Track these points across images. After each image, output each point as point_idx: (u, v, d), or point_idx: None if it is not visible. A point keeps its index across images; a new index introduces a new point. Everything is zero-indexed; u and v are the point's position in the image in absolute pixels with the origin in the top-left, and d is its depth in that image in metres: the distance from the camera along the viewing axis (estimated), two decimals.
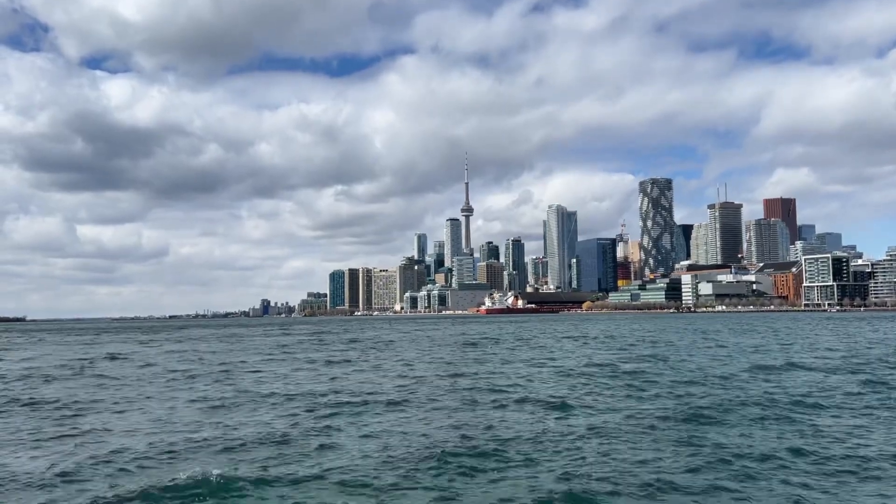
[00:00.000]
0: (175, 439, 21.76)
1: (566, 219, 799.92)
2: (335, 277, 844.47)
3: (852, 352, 55.68)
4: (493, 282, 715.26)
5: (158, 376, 43.95)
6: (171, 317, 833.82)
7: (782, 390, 31.16)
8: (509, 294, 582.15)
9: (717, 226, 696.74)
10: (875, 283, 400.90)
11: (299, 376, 43.01)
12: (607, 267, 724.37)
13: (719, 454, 18.78)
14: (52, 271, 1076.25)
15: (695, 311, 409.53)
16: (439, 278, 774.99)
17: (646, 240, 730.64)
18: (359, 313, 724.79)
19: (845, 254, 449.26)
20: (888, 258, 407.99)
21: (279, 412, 27.46)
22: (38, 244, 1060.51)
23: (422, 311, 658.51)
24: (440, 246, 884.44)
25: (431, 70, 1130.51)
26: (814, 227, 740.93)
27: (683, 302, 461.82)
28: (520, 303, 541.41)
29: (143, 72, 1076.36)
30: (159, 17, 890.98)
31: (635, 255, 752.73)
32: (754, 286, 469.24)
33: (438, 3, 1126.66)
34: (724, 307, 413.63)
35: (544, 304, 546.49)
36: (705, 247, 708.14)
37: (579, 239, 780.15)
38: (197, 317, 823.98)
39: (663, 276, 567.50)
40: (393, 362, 54.12)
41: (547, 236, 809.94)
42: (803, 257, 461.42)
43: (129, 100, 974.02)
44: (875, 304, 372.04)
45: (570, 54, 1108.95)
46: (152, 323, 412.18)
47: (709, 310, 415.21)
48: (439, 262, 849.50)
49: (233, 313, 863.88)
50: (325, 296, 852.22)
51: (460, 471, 17.65)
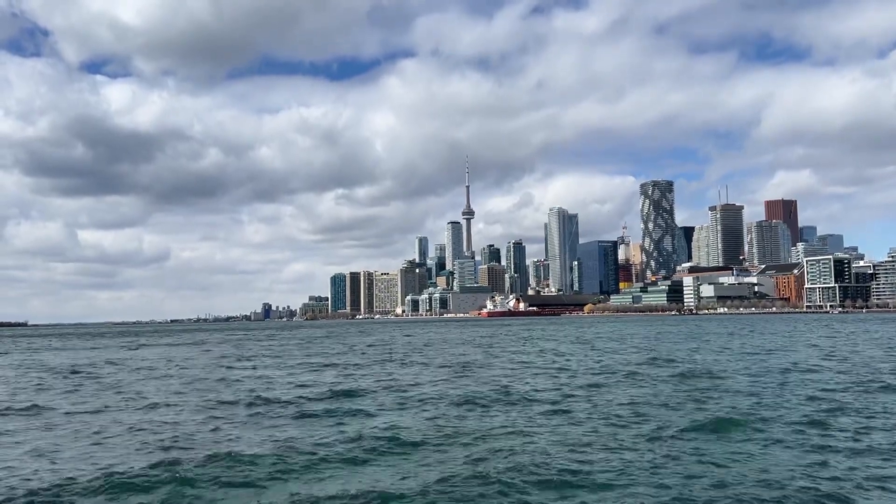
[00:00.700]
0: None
1: (567, 221, 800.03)
2: (336, 281, 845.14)
3: None
4: (495, 285, 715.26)
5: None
6: (172, 321, 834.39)
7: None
8: (511, 297, 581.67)
9: (719, 228, 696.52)
10: (877, 285, 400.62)
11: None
12: (609, 269, 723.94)
13: None
14: (54, 276, 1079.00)
15: (696, 314, 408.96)
16: (440, 281, 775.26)
17: (647, 242, 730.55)
18: (360, 317, 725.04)
19: (847, 255, 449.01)
20: (890, 259, 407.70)
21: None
22: (39, 249, 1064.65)
23: (423, 314, 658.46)
24: (441, 249, 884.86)
25: (431, 73, 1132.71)
26: (815, 228, 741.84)
27: (685, 304, 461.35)
28: (521, 305, 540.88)
29: (143, 76, 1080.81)
30: (159, 21, 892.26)
31: (637, 258, 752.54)
32: (756, 288, 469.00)
33: (438, 6, 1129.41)
34: (725, 309, 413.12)
35: (546, 306, 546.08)
36: (707, 249, 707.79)
37: (580, 241, 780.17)
38: (198, 321, 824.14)
39: (665, 278, 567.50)
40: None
41: (548, 239, 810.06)
42: (805, 259, 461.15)
43: (130, 104, 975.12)
44: (877, 306, 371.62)
45: (571, 56, 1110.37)
46: (155, 327, 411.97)
47: (710, 312, 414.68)
48: (440, 265, 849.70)
49: (234, 317, 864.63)
50: (326, 299, 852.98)
51: None
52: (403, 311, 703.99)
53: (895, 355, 53.45)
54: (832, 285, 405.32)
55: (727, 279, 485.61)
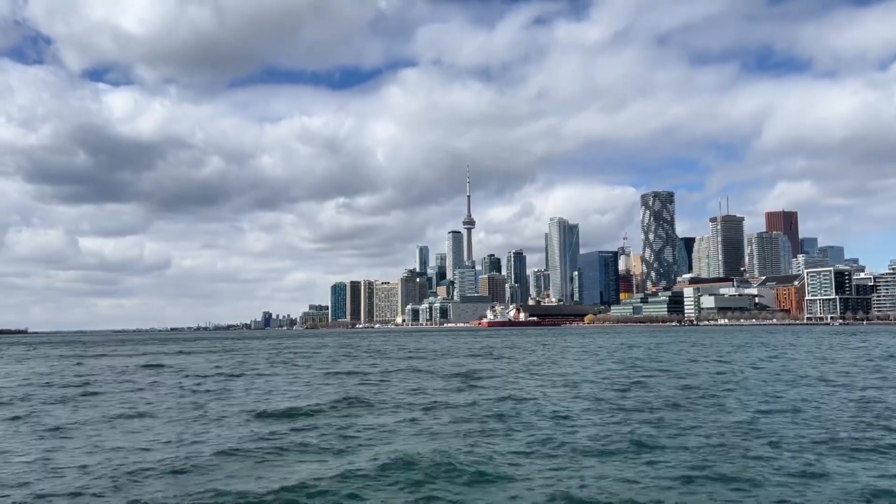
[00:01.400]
0: None
1: (568, 231, 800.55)
2: (337, 290, 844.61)
3: None
4: (495, 294, 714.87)
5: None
6: (172, 329, 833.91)
7: None
8: (511, 307, 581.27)
9: (719, 239, 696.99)
10: (878, 297, 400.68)
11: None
12: (609, 280, 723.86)
13: None
14: (54, 283, 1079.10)
15: (697, 325, 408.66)
16: (441, 291, 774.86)
17: (648, 253, 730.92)
18: (360, 326, 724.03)
19: (847, 267, 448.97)
20: (891, 271, 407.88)
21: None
22: (40, 256, 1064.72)
23: (423, 323, 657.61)
24: (442, 258, 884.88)
25: (433, 82, 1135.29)
26: (816, 240, 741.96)
27: (686, 315, 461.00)
28: (522, 316, 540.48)
29: (145, 84, 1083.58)
30: (161, 30, 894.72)
31: (637, 268, 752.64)
32: (757, 299, 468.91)
33: (440, 16, 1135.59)
34: (726, 321, 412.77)
35: (546, 316, 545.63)
36: (707, 260, 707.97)
37: (581, 252, 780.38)
38: (199, 329, 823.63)
39: (665, 289, 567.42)
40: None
41: (549, 249, 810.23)
42: (805, 270, 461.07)
43: (131, 112, 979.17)
44: (878, 318, 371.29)
45: (572, 66, 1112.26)
46: (155, 335, 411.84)
47: (711, 323, 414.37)
48: (441, 274, 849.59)
49: (234, 326, 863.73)
50: (326, 308, 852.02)
51: None
52: (403, 321, 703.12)
53: None
54: (833, 297, 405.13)
55: (728, 290, 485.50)
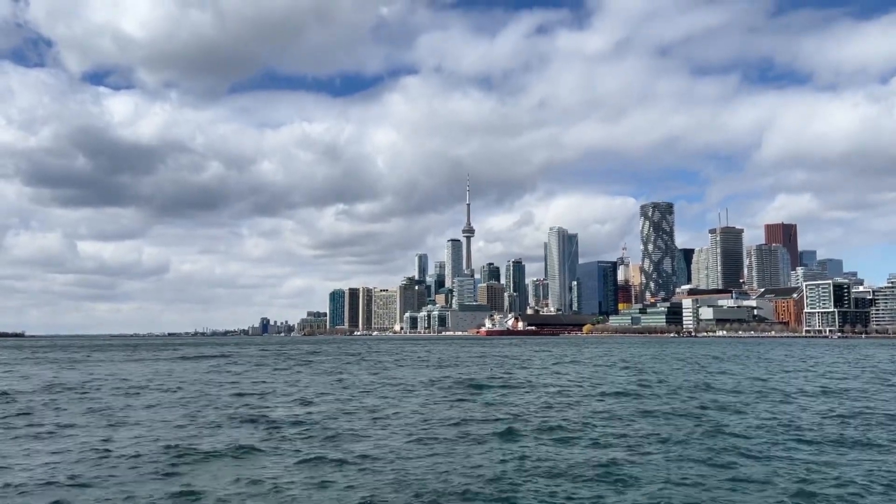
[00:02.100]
0: None
1: (567, 241, 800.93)
2: (335, 297, 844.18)
3: None
4: (494, 303, 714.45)
5: None
6: (169, 334, 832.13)
7: None
8: (510, 316, 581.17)
9: (718, 250, 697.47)
10: (876, 311, 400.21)
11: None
12: (608, 290, 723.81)
13: None
14: (52, 287, 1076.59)
15: (695, 336, 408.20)
16: (440, 299, 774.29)
17: (647, 263, 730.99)
18: (358, 333, 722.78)
19: (846, 280, 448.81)
20: (889, 285, 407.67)
21: None
22: (38, 259, 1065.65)
23: (421, 331, 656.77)
24: (441, 266, 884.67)
25: (434, 90, 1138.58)
26: (815, 252, 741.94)
27: (684, 326, 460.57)
28: (520, 325, 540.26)
29: (146, 88, 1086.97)
30: (162, 34, 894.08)
31: (636, 279, 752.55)
32: (755, 311, 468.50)
33: (441, 24, 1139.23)
34: (724, 332, 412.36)
35: (545, 326, 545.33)
36: (706, 271, 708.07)
37: (580, 261, 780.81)
38: (196, 334, 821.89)
39: (664, 300, 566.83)
40: None
41: (548, 258, 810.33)
42: (804, 283, 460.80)
43: (132, 116, 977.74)
44: (876, 332, 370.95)
45: (573, 76, 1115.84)
46: (152, 340, 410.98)
47: (709, 334, 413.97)
48: (440, 282, 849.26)
49: (232, 331, 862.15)
50: (324, 315, 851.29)
51: None
52: (402, 328, 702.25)
53: None
54: (831, 310, 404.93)
55: (726, 302, 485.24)
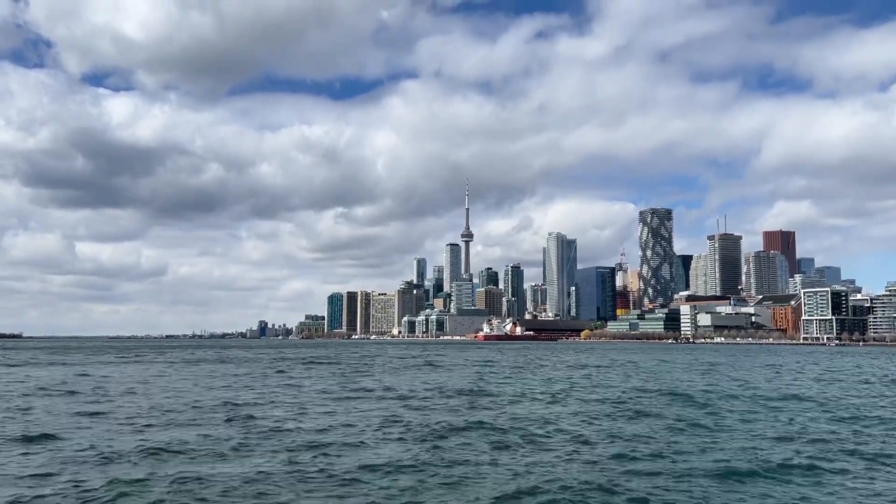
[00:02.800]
0: None
1: (566, 246, 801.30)
2: (333, 300, 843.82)
3: None
4: (492, 308, 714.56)
5: None
6: (167, 336, 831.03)
7: None
8: (508, 321, 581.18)
9: (717, 257, 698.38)
10: (874, 318, 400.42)
11: None
12: (606, 296, 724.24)
13: None
14: (50, 288, 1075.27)
15: (693, 342, 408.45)
16: (438, 303, 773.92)
17: (645, 269, 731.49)
18: (356, 336, 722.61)
19: (844, 288, 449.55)
20: (887, 293, 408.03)
21: None
22: (36, 260, 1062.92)
23: (419, 335, 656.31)
24: (439, 271, 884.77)
25: (434, 94, 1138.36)
26: (813, 260, 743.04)
27: (682, 333, 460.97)
28: (518, 330, 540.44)
29: (145, 90, 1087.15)
30: (161, 36, 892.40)
31: (634, 285, 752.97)
32: (753, 318, 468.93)
33: (442, 28, 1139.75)
34: (722, 339, 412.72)
35: (543, 331, 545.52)
36: (704, 278, 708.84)
37: (579, 267, 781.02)
38: (194, 337, 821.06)
39: (662, 306, 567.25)
40: None
41: (546, 263, 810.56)
42: (802, 290, 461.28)
43: (131, 118, 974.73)
44: (874, 339, 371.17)
45: (573, 81, 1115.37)
46: (150, 343, 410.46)
47: (707, 341, 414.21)
48: (438, 286, 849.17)
49: (230, 334, 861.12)
50: (322, 318, 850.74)
51: None
52: (400, 332, 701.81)
53: None
54: (829, 317, 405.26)
55: (724, 308, 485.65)
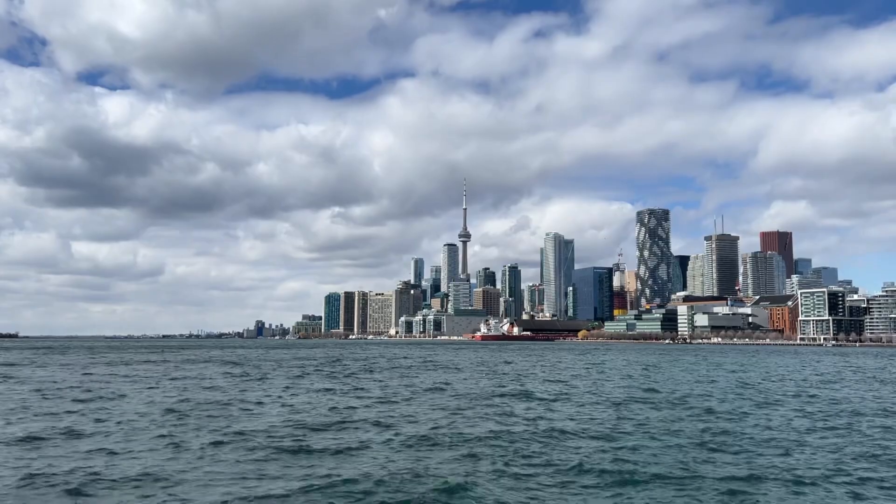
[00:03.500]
0: None
1: (563, 247, 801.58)
2: (331, 300, 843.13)
3: None
4: (490, 308, 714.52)
5: None
6: (164, 336, 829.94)
7: None
8: (505, 321, 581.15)
9: (714, 257, 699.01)
10: (871, 319, 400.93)
11: None
12: (603, 296, 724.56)
13: None
14: (46, 287, 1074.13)
15: (690, 343, 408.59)
16: (435, 303, 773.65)
17: (642, 270, 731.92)
18: (353, 337, 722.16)
19: (841, 289, 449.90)
20: (884, 294, 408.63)
21: None
22: (32, 260, 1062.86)
23: (417, 335, 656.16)
24: (437, 271, 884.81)
25: (431, 94, 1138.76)
26: (810, 260, 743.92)
27: (679, 333, 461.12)
28: (515, 330, 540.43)
29: (141, 88, 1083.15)
30: (157, 34, 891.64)
31: (632, 285, 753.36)
32: (750, 319, 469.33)
33: (439, 27, 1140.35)
34: (719, 339, 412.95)
35: (540, 331, 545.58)
36: (702, 278, 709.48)
37: (576, 267, 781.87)
38: (190, 337, 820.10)
39: (659, 306, 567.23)
40: None
41: (544, 264, 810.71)
42: (799, 291, 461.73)
43: (127, 116, 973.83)
44: (870, 340, 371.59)
45: (571, 81, 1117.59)
46: (147, 342, 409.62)
47: (704, 341, 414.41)
48: (436, 286, 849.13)
49: (227, 334, 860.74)
50: (319, 318, 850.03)
51: None
52: (397, 333, 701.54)
53: None
54: (826, 318, 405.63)
55: (721, 309, 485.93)
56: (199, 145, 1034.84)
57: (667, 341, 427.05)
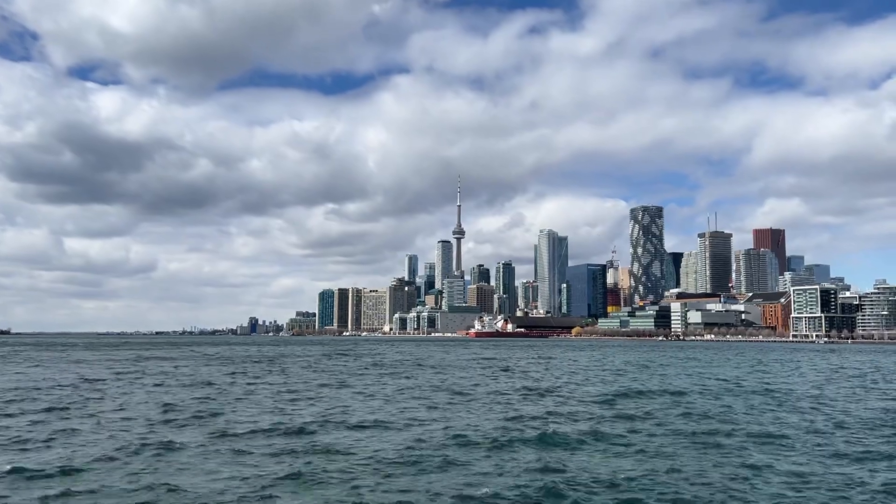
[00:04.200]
0: None
1: (557, 243, 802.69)
2: (324, 297, 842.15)
3: None
4: (484, 305, 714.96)
5: None
6: (157, 333, 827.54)
7: None
8: (499, 318, 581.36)
9: (707, 255, 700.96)
10: (863, 316, 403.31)
11: None
12: (597, 293, 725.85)
13: None
14: (38, 284, 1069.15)
15: (683, 340, 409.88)
16: (429, 300, 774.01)
17: (636, 267, 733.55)
18: (347, 333, 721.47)
19: (833, 286, 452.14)
20: (876, 291, 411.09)
21: None
22: (23, 256, 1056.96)
23: (411, 332, 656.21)
24: (431, 267, 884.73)
25: (426, 90, 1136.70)
26: (803, 258, 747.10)
27: (672, 330, 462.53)
28: (509, 327, 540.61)
29: (133, 83, 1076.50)
30: (149, 28, 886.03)
31: (625, 282, 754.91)
32: (743, 316, 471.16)
33: (434, 23, 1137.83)
34: (712, 336, 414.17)
35: (534, 328, 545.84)
36: (695, 275, 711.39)
37: (570, 264, 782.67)
38: (184, 333, 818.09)
39: (653, 303, 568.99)
40: None
41: (538, 260, 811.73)
42: (792, 288, 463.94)
43: (119, 112, 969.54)
44: (862, 337, 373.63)
45: (565, 77, 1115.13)
46: (140, 339, 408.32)
47: (697, 338, 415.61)
48: (430, 283, 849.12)
49: (220, 331, 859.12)
50: (313, 315, 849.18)
51: None
52: (391, 329, 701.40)
53: None
54: (818, 315, 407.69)
55: (715, 306, 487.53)
56: (192, 141, 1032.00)
57: (660, 338, 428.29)
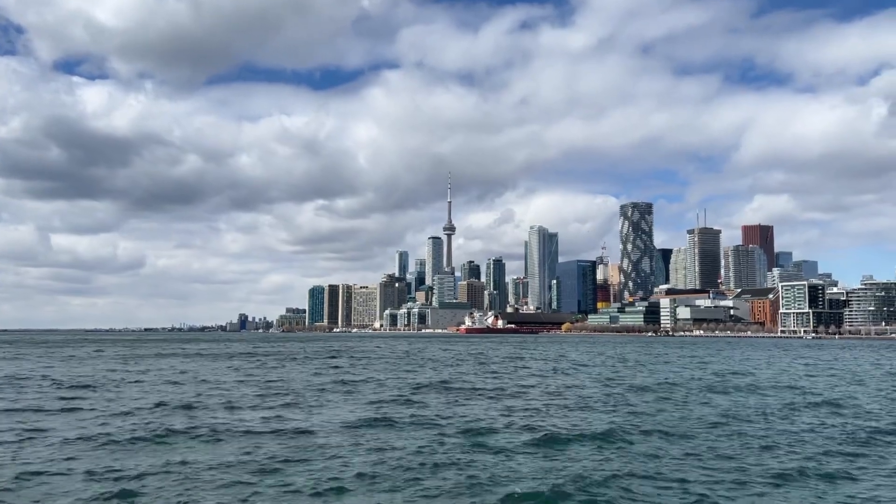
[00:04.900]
0: None
1: (547, 240, 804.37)
2: (314, 293, 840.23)
3: None
4: (474, 301, 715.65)
5: None
6: (146, 329, 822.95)
7: None
8: (489, 314, 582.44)
9: (696, 251, 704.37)
10: (850, 311, 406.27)
11: None
12: (587, 289, 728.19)
13: None
14: (25, 280, 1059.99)
15: (673, 335, 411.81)
16: (420, 296, 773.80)
17: (626, 263, 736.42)
18: (338, 330, 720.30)
19: (821, 282, 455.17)
20: (863, 287, 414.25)
21: None
22: (10, 253, 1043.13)
23: (401, 328, 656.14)
24: (421, 264, 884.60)
25: (416, 85, 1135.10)
26: (791, 254, 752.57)
27: (661, 325, 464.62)
28: (500, 322, 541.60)
29: (120, 78, 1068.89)
30: (136, 22, 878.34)
31: (615, 278, 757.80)
32: (732, 311, 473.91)
33: (424, 18, 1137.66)
34: (701, 332, 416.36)
35: (524, 324, 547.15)
36: (684, 271, 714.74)
37: (560, 260, 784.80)
38: (173, 330, 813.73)
39: (642, 299, 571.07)
40: None
41: (528, 257, 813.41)
42: (780, 284, 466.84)
43: (106, 107, 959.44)
44: (849, 332, 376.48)
45: (556, 73, 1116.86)
46: (128, 335, 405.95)
47: (686, 334, 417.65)
48: (420, 279, 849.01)
49: (209, 327, 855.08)
50: (303, 311, 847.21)
51: None
52: (381, 326, 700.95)
53: None
54: (806, 311, 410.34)
55: (703, 302, 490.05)
56: (181, 136, 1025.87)
57: (649, 334, 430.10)
